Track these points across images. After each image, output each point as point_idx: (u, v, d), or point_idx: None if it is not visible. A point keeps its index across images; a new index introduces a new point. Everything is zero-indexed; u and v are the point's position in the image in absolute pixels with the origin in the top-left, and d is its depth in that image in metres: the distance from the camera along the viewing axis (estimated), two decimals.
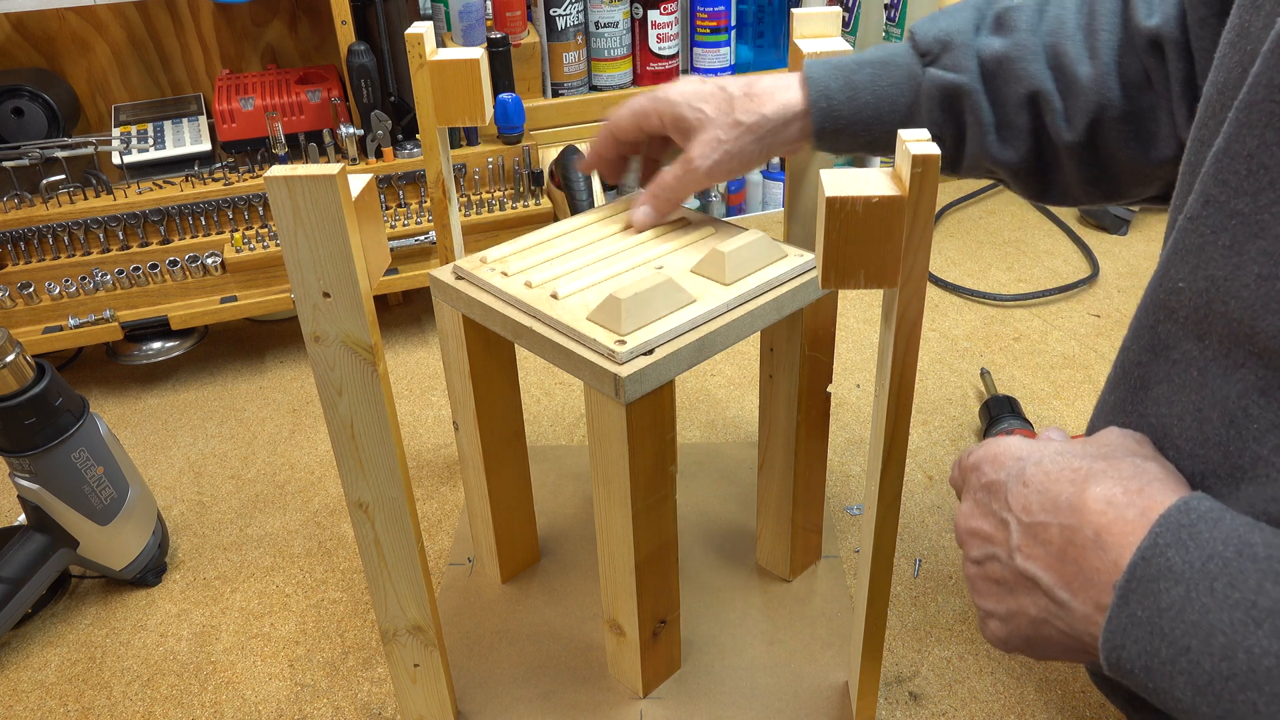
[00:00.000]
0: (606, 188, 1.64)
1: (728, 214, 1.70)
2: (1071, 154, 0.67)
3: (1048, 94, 0.65)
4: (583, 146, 1.27)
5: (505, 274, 0.72)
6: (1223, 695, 0.38)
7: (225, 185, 1.15)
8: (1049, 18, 0.67)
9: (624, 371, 0.61)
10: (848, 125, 0.70)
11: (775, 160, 1.72)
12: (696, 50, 1.43)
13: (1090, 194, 0.70)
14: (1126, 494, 0.44)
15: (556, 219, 1.21)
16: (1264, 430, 0.44)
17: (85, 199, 1.13)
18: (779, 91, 0.71)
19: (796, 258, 0.72)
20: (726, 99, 0.71)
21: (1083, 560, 0.43)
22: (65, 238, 1.12)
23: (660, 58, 1.41)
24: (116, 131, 1.21)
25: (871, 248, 0.52)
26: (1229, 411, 0.46)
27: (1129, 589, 0.41)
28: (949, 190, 1.61)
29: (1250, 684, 0.37)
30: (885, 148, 0.72)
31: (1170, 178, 0.66)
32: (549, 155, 1.27)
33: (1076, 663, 0.50)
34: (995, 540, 0.49)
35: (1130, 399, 0.53)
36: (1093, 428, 0.57)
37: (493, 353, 0.77)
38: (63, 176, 1.14)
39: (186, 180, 1.16)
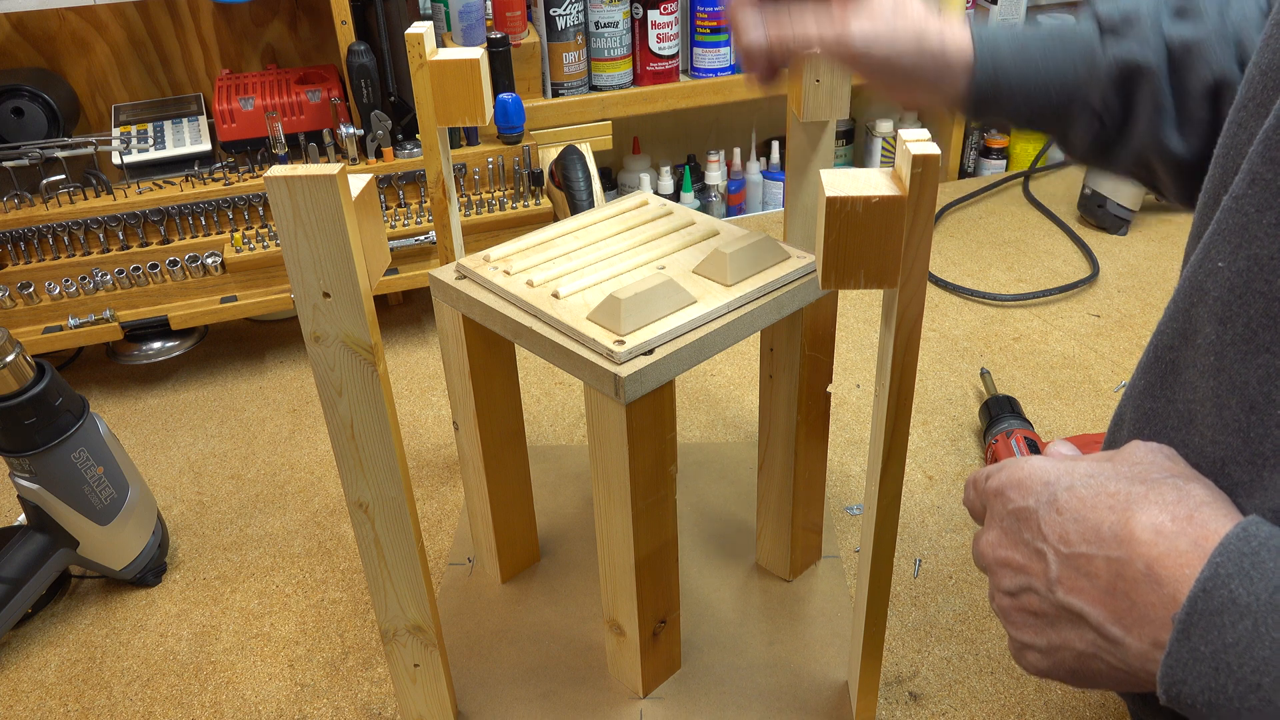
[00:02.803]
0: (606, 188, 1.64)
1: (728, 214, 1.70)
2: None
3: (1234, 87, 0.60)
4: (583, 146, 1.27)
5: (508, 273, 0.72)
6: None
7: (225, 185, 1.15)
8: (1234, 8, 0.63)
9: (624, 371, 0.61)
10: (1011, 91, 0.65)
11: (775, 160, 1.72)
12: (696, 50, 1.43)
13: None
14: (1175, 522, 0.42)
15: (556, 219, 1.21)
16: None
17: (85, 199, 1.13)
18: (955, 25, 0.65)
19: (799, 260, 0.72)
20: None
21: (1135, 595, 0.41)
22: (65, 238, 1.12)
23: (660, 58, 1.41)
24: (116, 131, 1.21)
25: (871, 248, 0.52)
26: (1249, 397, 0.45)
27: (1190, 623, 0.39)
28: (949, 190, 1.61)
29: None
30: (1039, 124, 0.67)
31: None
32: (549, 155, 1.27)
33: (1128, 690, 0.47)
34: (1031, 571, 0.47)
35: (1159, 384, 0.52)
36: (1120, 414, 0.56)
37: (493, 353, 0.77)
38: (63, 176, 1.14)
39: (186, 180, 1.16)
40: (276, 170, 0.51)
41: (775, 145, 1.72)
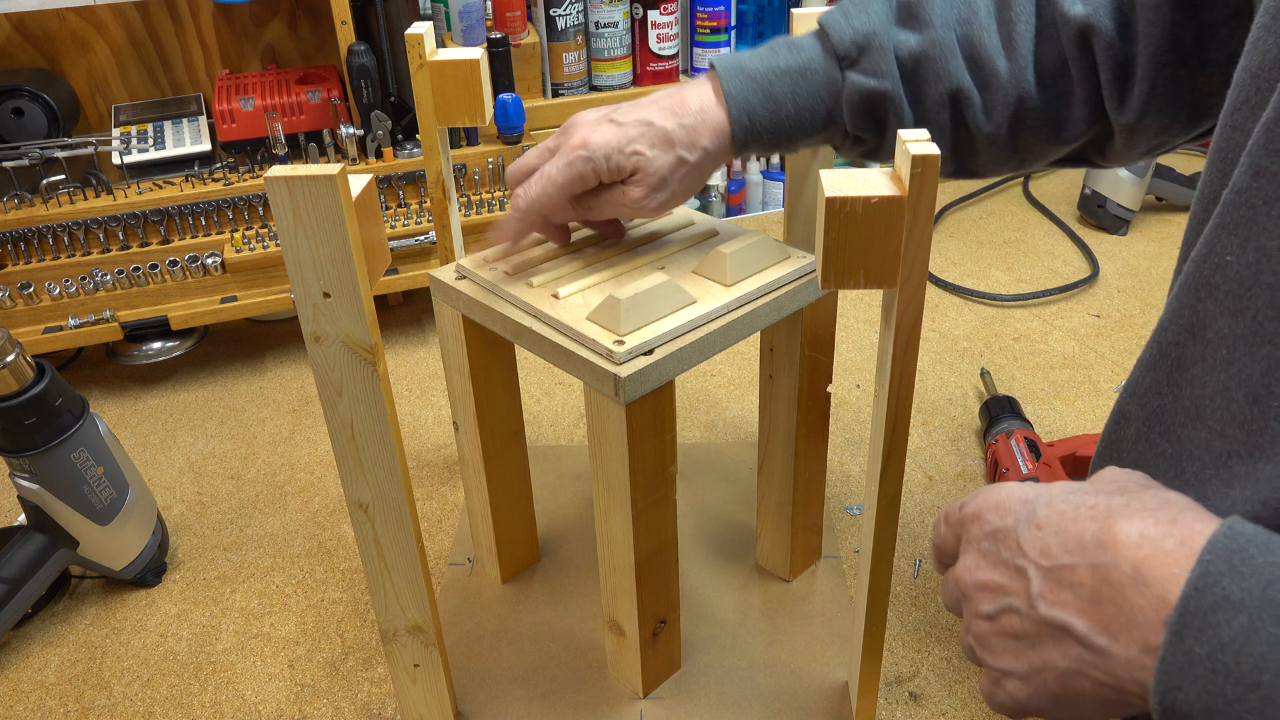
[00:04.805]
0: None
1: (728, 214, 1.70)
2: (989, 142, 0.68)
3: (967, 91, 0.66)
4: None
5: (508, 273, 0.72)
6: None
7: (225, 185, 1.15)
8: (959, 4, 0.67)
9: (623, 372, 0.61)
10: (770, 138, 0.70)
11: (775, 160, 1.72)
12: (696, 50, 1.43)
13: (996, 171, 0.72)
14: (1159, 525, 0.41)
15: None
16: None
17: (85, 199, 1.13)
18: (707, 116, 0.68)
19: (799, 260, 0.72)
20: (660, 135, 0.67)
21: (1121, 600, 0.40)
22: (65, 238, 1.12)
23: (660, 58, 1.41)
24: (116, 131, 1.21)
25: (871, 248, 0.52)
26: (1253, 389, 0.45)
27: (1183, 624, 0.38)
28: (949, 190, 1.61)
29: None
30: (806, 147, 0.73)
31: (1072, 152, 0.69)
32: None
33: (1113, 716, 0.46)
34: (1011, 590, 0.45)
35: (1166, 380, 0.51)
36: (1123, 413, 0.55)
37: (493, 353, 0.77)
38: (63, 176, 1.14)
39: (186, 180, 1.16)
40: (276, 170, 0.51)
41: None
